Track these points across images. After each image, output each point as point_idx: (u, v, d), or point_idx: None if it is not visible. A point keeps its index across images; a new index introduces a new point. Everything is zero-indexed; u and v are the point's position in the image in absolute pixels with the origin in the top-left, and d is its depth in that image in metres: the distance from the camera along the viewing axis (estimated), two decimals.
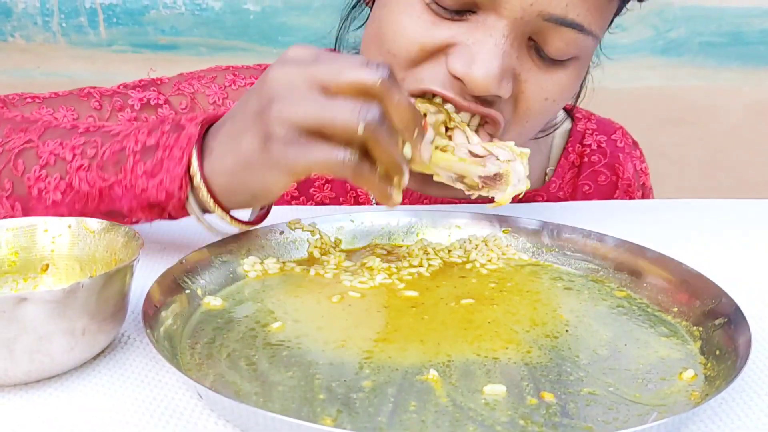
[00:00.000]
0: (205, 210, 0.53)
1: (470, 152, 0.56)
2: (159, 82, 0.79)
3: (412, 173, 0.79)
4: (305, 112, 0.46)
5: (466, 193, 0.57)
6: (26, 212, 0.56)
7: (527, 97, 0.63)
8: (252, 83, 0.80)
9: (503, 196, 0.55)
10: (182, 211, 0.54)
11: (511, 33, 0.59)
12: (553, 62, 0.62)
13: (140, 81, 0.79)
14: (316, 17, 1.51)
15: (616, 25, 0.74)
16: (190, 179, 0.51)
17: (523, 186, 0.56)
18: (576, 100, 0.80)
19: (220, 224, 0.54)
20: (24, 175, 0.56)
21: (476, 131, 0.63)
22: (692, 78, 1.60)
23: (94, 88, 0.77)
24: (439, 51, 0.61)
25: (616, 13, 0.67)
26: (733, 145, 1.63)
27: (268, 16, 1.53)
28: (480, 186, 0.56)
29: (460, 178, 0.56)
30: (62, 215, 0.54)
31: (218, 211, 0.52)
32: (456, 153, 0.56)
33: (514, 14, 0.58)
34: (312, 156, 0.46)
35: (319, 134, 0.47)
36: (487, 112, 0.62)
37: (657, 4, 1.55)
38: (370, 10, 0.69)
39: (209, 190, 0.51)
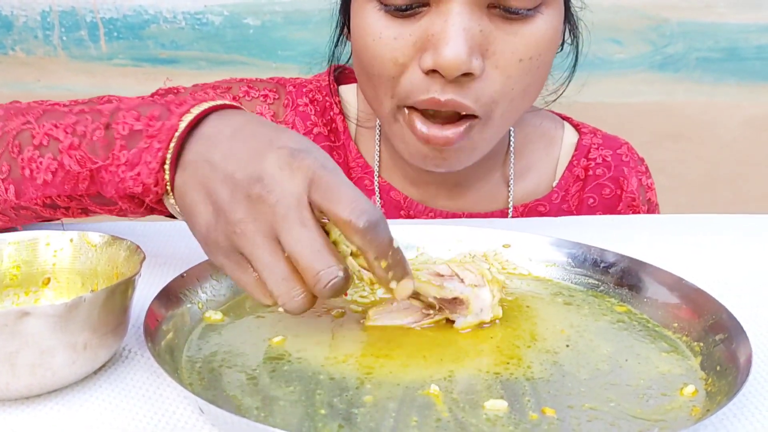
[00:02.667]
0: None
1: (435, 272, 0.51)
2: (176, 91, 0.79)
3: (419, 184, 0.80)
4: (250, 248, 0.44)
5: (423, 312, 0.51)
6: (18, 195, 0.54)
7: (503, 66, 0.64)
8: (266, 95, 0.81)
9: (461, 322, 0.50)
10: (162, 205, 0.52)
11: (464, 9, 0.61)
12: (522, 19, 0.63)
13: (158, 90, 0.80)
14: (315, 32, 1.52)
15: (613, 41, 0.74)
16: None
17: (486, 316, 0.50)
18: (577, 51, 0.78)
19: None
20: (19, 156, 0.55)
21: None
22: (690, 93, 1.60)
23: (113, 96, 0.76)
24: (411, 57, 0.64)
25: None
26: (730, 159, 1.64)
27: (268, 31, 1.54)
28: (438, 307, 0.50)
29: (416, 296, 0.49)
30: (51, 196, 0.53)
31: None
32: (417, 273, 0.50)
33: None
34: (237, 277, 0.45)
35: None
36: (462, 104, 0.63)
37: (654, 19, 1.56)
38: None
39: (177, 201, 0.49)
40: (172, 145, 0.48)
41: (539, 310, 0.54)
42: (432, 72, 0.63)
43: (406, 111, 0.67)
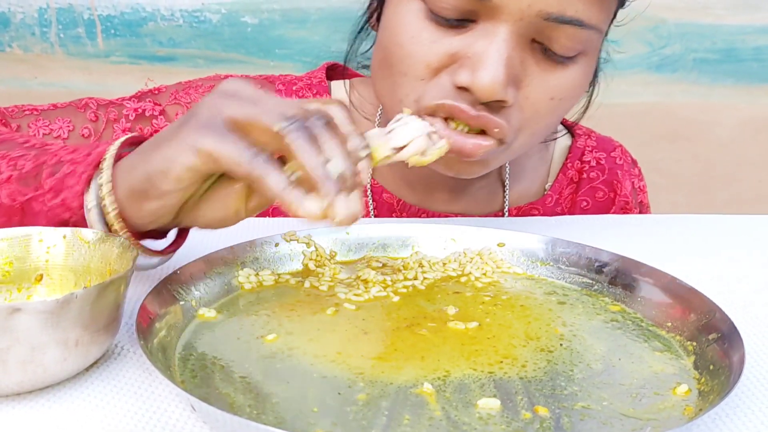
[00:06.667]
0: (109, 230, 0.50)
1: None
2: (156, 92, 0.79)
3: (414, 187, 0.80)
4: (231, 106, 0.46)
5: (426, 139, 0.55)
6: None
7: (533, 100, 0.63)
8: None
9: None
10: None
11: (512, 37, 0.60)
12: (559, 61, 0.63)
13: (138, 92, 0.80)
14: (313, 30, 1.52)
15: (611, 41, 0.74)
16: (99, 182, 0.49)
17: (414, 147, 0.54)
18: (590, 98, 0.78)
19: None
20: None
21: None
22: (686, 94, 1.60)
23: (92, 98, 0.77)
24: (445, 66, 0.62)
25: (619, 5, 0.66)
26: (726, 160, 1.64)
27: (266, 29, 1.54)
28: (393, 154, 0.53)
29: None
30: None
31: (118, 223, 0.49)
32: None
33: (513, 18, 0.59)
34: (221, 142, 0.45)
35: (240, 131, 0.46)
36: (496, 122, 0.62)
37: (651, 20, 1.56)
38: (377, 32, 0.70)
39: (114, 192, 0.49)
40: (109, 153, 0.49)
41: (533, 309, 0.54)
42: (463, 89, 0.61)
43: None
